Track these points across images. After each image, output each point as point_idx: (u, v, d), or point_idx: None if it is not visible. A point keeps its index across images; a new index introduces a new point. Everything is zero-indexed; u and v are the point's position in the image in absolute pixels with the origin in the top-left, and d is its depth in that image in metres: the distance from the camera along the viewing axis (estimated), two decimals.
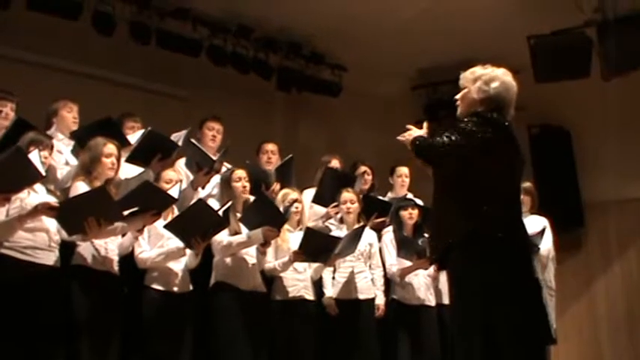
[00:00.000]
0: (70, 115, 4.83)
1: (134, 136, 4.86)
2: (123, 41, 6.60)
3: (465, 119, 3.21)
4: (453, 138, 3.10)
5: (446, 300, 5.12)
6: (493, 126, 3.16)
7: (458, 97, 3.38)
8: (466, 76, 3.35)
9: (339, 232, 5.20)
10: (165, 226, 4.21)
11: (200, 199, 4.46)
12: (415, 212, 5.37)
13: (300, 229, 5.01)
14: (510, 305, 3.00)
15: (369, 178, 5.97)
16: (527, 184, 5.84)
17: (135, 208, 3.93)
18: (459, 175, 3.14)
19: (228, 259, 4.65)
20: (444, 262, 3.24)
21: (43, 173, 3.77)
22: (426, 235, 4.96)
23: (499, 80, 3.26)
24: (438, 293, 5.43)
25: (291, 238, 4.94)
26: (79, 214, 3.74)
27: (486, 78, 3.27)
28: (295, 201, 5.00)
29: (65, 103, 4.85)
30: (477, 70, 3.33)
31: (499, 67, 3.33)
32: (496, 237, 3.05)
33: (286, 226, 4.98)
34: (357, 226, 5.12)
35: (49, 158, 4.03)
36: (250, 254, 4.71)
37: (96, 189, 3.91)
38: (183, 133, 5.03)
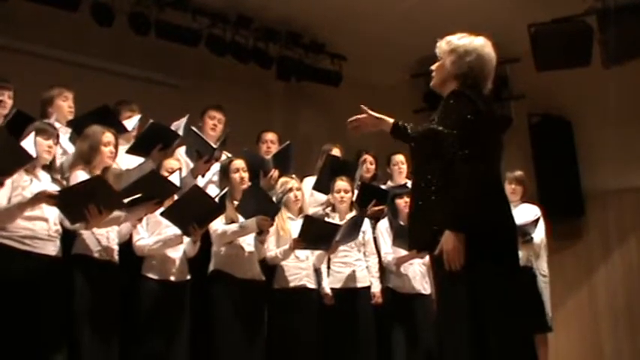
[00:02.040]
0: (65, 104, 4.82)
1: (130, 122, 4.86)
2: (122, 32, 6.59)
3: (451, 101, 3.06)
4: (454, 126, 2.97)
5: None
6: (475, 106, 3.01)
7: (433, 67, 3.22)
8: (442, 47, 3.18)
9: (331, 220, 5.20)
10: (162, 214, 4.21)
11: (195, 185, 4.47)
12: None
13: (302, 217, 5.01)
14: (496, 292, 2.93)
15: (372, 167, 5.97)
16: (518, 173, 5.82)
17: (137, 195, 3.93)
18: (444, 162, 3.02)
19: (225, 248, 4.66)
20: (426, 248, 3.16)
21: (34, 155, 3.76)
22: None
23: (475, 54, 3.09)
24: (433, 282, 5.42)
25: (293, 226, 4.95)
26: (79, 203, 3.75)
27: (461, 51, 3.09)
28: (291, 189, 5.01)
29: (60, 92, 4.83)
30: (453, 41, 3.14)
31: (478, 36, 3.15)
32: (481, 224, 2.95)
33: (287, 215, 5.00)
34: (355, 213, 5.13)
35: (53, 147, 4.03)
36: (248, 243, 4.72)
37: (93, 178, 3.92)
38: (183, 121, 5.04)
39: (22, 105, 4.59)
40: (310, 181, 5.55)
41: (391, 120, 3.23)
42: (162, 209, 4.24)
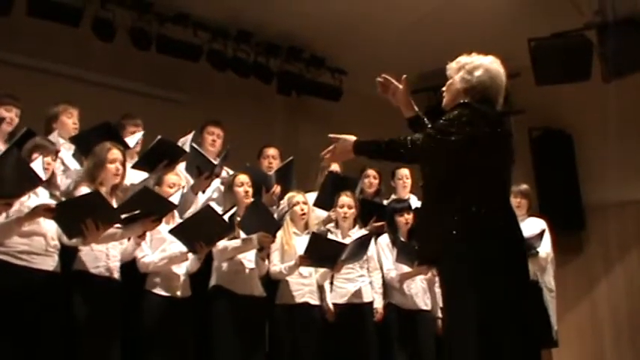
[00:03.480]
0: (70, 121, 4.84)
1: (133, 139, 4.86)
2: (123, 47, 6.62)
3: (453, 111, 3.08)
4: (440, 136, 2.99)
5: None
6: (480, 118, 3.03)
7: (444, 88, 3.26)
8: (451, 66, 3.24)
9: (333, 236, 5.18)
10: (171, 232, 4.20)
11: (208, 205, 4.44)
12: (410, 216, 5.35)
13: (308, 233, 5.00)
14: (506, 305, 2.92)
15: (375, 182, 5.95)
16: (523, 187, 5.83)
17: (136, 212, 3.92)
18: (449, 172, 3.04)
19: (226, 264, 4.65)
20: (434, 261, 3.18)
21: (44, 177, 3.76)
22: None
23: (483, 68, 3.13)
24: (434, 297, 5.40)
25: (298, 242, 4.94)
26: (77, 217, 3.74)
27: (470, 67, 3.15)
28: (297, 203, 5.00)
29: (65, 108, 4.86)
30: (462, 59, 3.20)
31: (486, 56, 3.21)
32: (489, 236, 2.96)
33: (293, 230, 4.99)
34: (360, 232, 5.12)
35: (52, 164, 4.02)
36: (248, 259, 4.70)
37: (91, 193, 3.90)
38: (189, 137, 5.04)
39: (23, 120, 4.61)
40: (310, 197, 5.53)
41: (352, 138, 3.19)
42: (167, 226, 4.24)
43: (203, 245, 4.26)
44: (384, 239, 5.43)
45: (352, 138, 3.17)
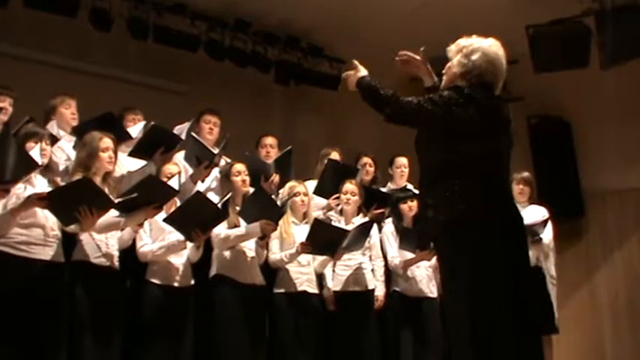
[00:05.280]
0: (68, 112, 4.85)
1: (135, 129, 4.87)
2: (121, 37, 6.60)
3: (442, 92, 3.07)
4: (423, 104, 2.97)
5: None
6: (469, 102, 2.99)
7: (444, 71, 3.22)
8: (451, 49, 3.20)
9: (338, 224, 5.20)
10: (165, 220, 4.22)
11: (198, 192, 4.47)
12: (414, 204, 5.37)
13: (306, 222, 5.01)
14: (501, 291, 2.90)
15: (371, 169, 5.97)
16: (525, 174, 5.83)
17: (133, 195, 3.91)
18: (446, 156, 3.03)
19: (227, 252, 4.66)
20: (434, 242, 3.18)
21: (40, 162, 3.77)
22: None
23: (480, 52, 3.08)
24: (439, 284, 5.42)
25: (297, 231, 4.95)
26: (70, 204, 3.73)
27: (467, 50, 3.10)
28: (298, 194, 5.01)
29: (63, 100, 4.86)
30: (461, 42, 3.15)
31: (487, 38, 3.16)
32: (485, 220, 2.94)
33: (292, 219, 4.99)
34: (363, 220, 5.12)
35: (47, 150, 4.00)
36: (249, 247, 4.72)
37: (80, 179, 3.90)
38: (186, 125, 5.04)
39: (20, 111, 4.60)
40: (310, 185, 5.54)
41: (364, 73, 3.22)
42: (165, 215, 4.25)
43: (199, 232, 4.27)
44: (389, 227, 5.46)
45: (363, 73, 3.21)
